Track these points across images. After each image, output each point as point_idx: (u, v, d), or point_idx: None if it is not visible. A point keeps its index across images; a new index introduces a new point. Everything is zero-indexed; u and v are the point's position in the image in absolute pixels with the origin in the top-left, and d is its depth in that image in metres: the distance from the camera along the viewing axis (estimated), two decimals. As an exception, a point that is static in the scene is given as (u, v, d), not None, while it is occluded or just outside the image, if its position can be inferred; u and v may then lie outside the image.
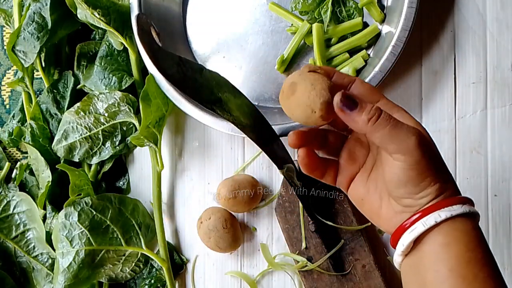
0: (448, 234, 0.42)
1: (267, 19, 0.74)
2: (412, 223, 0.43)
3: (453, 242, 0.42)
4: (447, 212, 0.42)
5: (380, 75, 0.65)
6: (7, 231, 0.74)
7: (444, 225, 0.43)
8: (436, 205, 0.43)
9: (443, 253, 0.42)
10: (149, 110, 0.70)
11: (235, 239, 0.72)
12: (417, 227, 0.43)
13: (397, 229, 0.45)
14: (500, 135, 0.71)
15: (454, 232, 0.43)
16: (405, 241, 0.44)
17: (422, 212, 0.43)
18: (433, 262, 0.43)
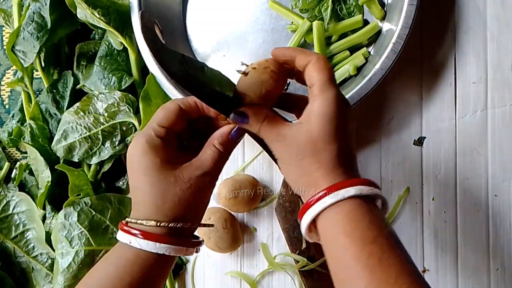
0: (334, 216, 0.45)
1: (267, 17, 0.74)
2: (306, 209, 0.46)
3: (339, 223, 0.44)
4: (332, 198, 0.44)
5: (381, 73, 0.65)
6: (7, 231, 0.74)
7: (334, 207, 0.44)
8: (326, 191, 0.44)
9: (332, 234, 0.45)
10: (149, 110, 0.70)
11: (235, 239, 0.71)
12: (308, 213, 0.45)
13: (298, 215, 0.47)
14: (500, 135, 0.71)
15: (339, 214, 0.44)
16: (303, 225, 0.46)
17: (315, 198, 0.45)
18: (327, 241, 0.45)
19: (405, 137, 0.73)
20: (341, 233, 0.44)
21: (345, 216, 0.44)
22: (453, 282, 0.71)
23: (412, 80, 0.73)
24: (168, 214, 0.47)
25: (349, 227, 0.43)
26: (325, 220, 0.45)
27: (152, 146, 0.48)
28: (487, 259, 0.71)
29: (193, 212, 0.50)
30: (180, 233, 0.48)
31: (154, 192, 0.47)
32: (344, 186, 0.44)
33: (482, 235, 0.71)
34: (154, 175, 0.47)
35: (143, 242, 0.46)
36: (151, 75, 0.70)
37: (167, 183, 0.47)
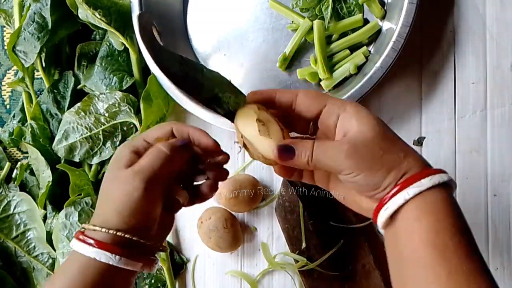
0: (418, 208, 0.43)
1: (268, 16, 0.75)
2: (384, 203, 0.44)
3: (423, 215, 0.43)
4: (415, 188, 0.43)
5: (381, 71, 0.65)
6: (8, 231, 0.74)
7: (414, 200, 0.43)
8: (404, 183, 0.43)
9: (414, 226, 0.43)
10: (150, 110, 0.70)
11: (236, 239, 0.72)
12: (388, 206, 0.44)
13: (375, 211, 0.45)
14: (500, 135, 0.71)
15: (424, 205, 0.43)
16: (381, 219, 0.45)
17: (393, 192, 0.43)
18: (406, 236, 0.43)
19: (405, 137, 0.71)
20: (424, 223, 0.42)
21: (411, 218, 0.43)
22: (452, 281, 0.71)
23: (412, 80, 0.73)
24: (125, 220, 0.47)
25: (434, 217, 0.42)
26: (396, 223, 0.44)
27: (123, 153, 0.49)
28: (487, 259, 0.71)
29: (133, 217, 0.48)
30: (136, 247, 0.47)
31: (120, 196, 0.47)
32: (403, 187, 0.43)
33: (481, 235, 0.71)
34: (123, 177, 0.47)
35: (98, 252, 0.46)
36: (153, 75, 0.70)
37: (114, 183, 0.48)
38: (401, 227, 0.44)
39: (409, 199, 0.43)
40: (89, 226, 0.47)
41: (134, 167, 0.48)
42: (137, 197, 0.47)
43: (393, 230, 0.45)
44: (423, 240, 0.42)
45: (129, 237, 0.46)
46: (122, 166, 0.48)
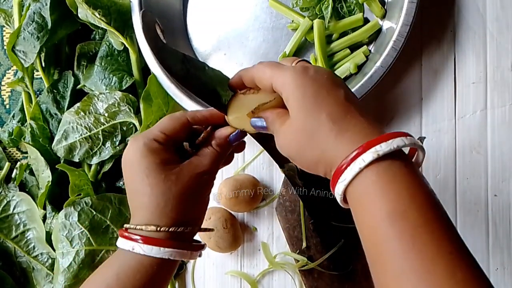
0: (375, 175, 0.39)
1: (268, 16, 0.75)
2: (340, 172, 0.40)
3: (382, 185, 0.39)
4: (372, 153, 0.39)
5: (382, 70, 0.65)
6: (7, 231, 0.74)
7: (373, 166, 0.39)
8: (362, 148, 0.39)
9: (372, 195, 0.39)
10: (150, 110, 0.70)
11: (235, 239, 0.72)
12: (345, 177, 0.40)
13: (331, 182, 0.42)
14: (500, 135, 0.71)
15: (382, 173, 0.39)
16: (338, 191, 0.41)
17: (350, 159, 0.40)
18: (362, 209, 0.40)
19: (405, 137, 0.73)
20: (368, 208, 0.39)
21: (369, 189, 0.39)
22: (453, 281, 0.71)
23: (412, 80, 0.73)
24: (169, 216, 0.47)
25: (375, 200, 0.39)
26: (351, 195, 0.41)
27: (151, 149, 0.48)
28: (487, 259, 0.71)
29: (194, 213, 0.50)
30: (182, 237, 0.48)
31: (156, 193, 0.47)
32: (358, 155, 0.39)
33: (482, 235, 0.71)
34: (155, 176, 0.47)
35: (147, 247, 0.46)
36: (153, 75, 0.70)
37: (169, 183, 0.47)
38: (358, 197, 0.40)
39: (364, 167, 0.39)
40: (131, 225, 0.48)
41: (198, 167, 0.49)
42: (205, 193, 0.50)
43: (352, 200, 0.41)
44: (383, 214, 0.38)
45: (175, 230, 0.47)
46: (165, 162, 0.48)
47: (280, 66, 0.45)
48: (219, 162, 0.51)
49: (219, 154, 0.50)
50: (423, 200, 0.38)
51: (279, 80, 0.44)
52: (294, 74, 0.43)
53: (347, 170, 0.39)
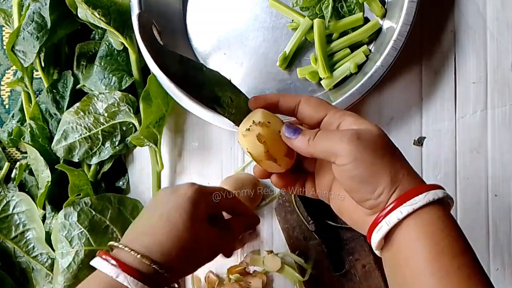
0: (414, 229, 0.42)
1: (268, 15, 0.74)
2: (377, 222, 0.43)
3: (420, 236, 0.42)
4: (408, 207, 0.42)
5: (382, 70, 0.65)
6: (7, 231, 0.74)
7: (410, 220, 0.42)
8: (398, 201, 0.42)
9: (411, 250, 0.42)
10: (149, 110, 0.70)
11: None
12: (382, 226, 0.43)
13: (368, 230, 0.45)
14: (500, 135, 0.71)
15: (420, 225, 0.42)
16: (374, 240, 0.44)
17: (387, 211, 0.43)
18: (405, 261, 0.43)
19: (405, 137, 0.73)
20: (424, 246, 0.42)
21: (409, 238, 0.42)
22: (453, 282, 0.71)
23: (412, 80, 0.73)
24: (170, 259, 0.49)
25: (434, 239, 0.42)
26: (393, 242, 0.43)
27: (205, 201, 0.52)
28: (487, 259, 0.71)
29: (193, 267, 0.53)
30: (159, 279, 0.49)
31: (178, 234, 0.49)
32: (396, 206, 0.42)
33: (482, 235, 0.71)
34: (200, 223, 0.51)
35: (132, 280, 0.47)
36: (152, 75, 0.70)
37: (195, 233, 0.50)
38: (398, 250, 0.43)
39: (403, 218, 0.42)
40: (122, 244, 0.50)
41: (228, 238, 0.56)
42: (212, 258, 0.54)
43: (390, 252, 0.44)
44: (422, 265, 0.41)
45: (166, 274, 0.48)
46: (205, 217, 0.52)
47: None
48: None
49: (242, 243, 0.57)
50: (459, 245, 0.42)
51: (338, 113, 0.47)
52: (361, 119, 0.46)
53: (385, 220, 0.43)
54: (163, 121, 0.73)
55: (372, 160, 0.43)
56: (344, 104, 0.66)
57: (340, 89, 0.70)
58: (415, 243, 0.42)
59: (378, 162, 0.43)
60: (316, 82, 0.72)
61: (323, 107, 0.48)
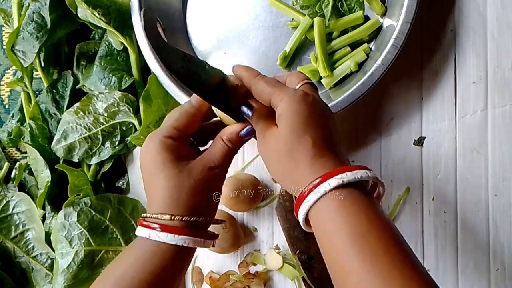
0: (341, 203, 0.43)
1: (268, 14, 0.74)
2: (305, 195, 0.45)
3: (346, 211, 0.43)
4: (337, 179, 0.43)
5: (382, 68, 0.65)
6: (6, 231, 0.74)
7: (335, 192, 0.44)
8: (326, 175, 0.44)
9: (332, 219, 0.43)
10: (150, 110, 0.70)
11: (237, 238, 0.71)
12: (311, 198, 0.44)
13: (296, 204, 0.46)
14: (501, 135, 0.71)
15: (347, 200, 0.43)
16: (301, 213, 0.46)
17: (315, 183, 0.44)
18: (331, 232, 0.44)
19: (405, 137, 0.73)
20: (330, 228, 0.43)
21: (332, 210, 0.44)
22: (453, 282, 0.71)
23: (412, 80, 0.73)
24: (183, 207, 0.49)
25: (337, 221, 0.43)
26: (314, 217, 0.45)
27: (166, 146, 0.50)
28: (487, 259, 0.71)
29: (207, 204, 0.51)
30: (196, 226, 0.49)
31: (170, 185, 0.49)
32: (325, 179, 0.44)
33: (482, 235, 0.71)
34: (169, 169, 0.49)
35: (162, 234, 0.48)
36: (153, 75, 0.70)
37: (182, 176, 0.49)
38: (320, 221, 0.45)
39: (329, 191, 0.43)
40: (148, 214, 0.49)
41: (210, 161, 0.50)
42: (217, 187, 0.52)
43: (315, 223, 0.45)
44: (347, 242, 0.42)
45: (188, 219, 0.48)
46: (180, 157, 0.50)
47: (281, 85, 0.49)
48: (231, 157, 0.52)
49: (230, 149, 0.52)
50: (380, 225, 0.43)
51: (277, 97, 0.48)
52: (293, 97, 0.47)
53: (313, 192, 0.44)
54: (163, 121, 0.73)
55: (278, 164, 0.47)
56: (345, 102, 0.66)
57: (341, 87, 0.70)
58: (322, 224, 0.44)
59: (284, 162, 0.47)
60: (316, 81, 0.72)
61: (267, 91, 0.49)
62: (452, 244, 0.71)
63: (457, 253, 0.71)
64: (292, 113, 0.47)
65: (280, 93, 0.48)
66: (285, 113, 0.47)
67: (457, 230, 0.72)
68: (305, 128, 0.46)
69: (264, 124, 0.49)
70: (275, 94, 0.48)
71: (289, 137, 0.46)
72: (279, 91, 0.48)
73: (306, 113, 0.47)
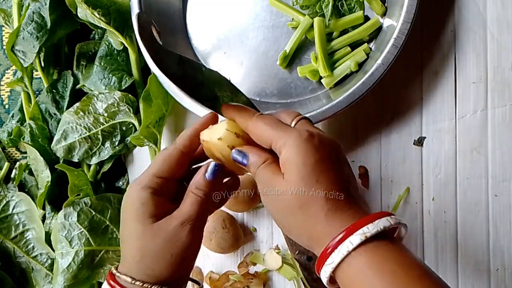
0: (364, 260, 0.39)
1: (268, 14, 0.74)
2: (326, 255, 0.40)
3: (374, 266, 0.39)
4: (359, 236, 0.39)
5: (382, 68, 0.65)
6: (7, 231, 0.74)
7: (360, 251, 0.39)
8: (347, 231, 0.40)
9: (367, 278, 0.39)
10: (149, 110, 0.70)
11: (236, 238, 0.71)
12: (334, 260, 0.40)
13: (317, 264, 0.42)
14: (501, 135, 0.71)
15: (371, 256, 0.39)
16: (325, 275, 0.41)
17: (336, 242, 0.40)
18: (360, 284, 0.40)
19: (405, 137, 0.73)
20: (367, 285, 0.39)
21: (362, 270, 0.39)
22: (453, 282, 0.71)
23: (412, 80, 0.73)
24: (147, 272, 0.45)
25: (373, 280, 0.39)
26: (343, 277, 0.40)
27: (141, 199, 0.46)
28: (487, 259, 0.71)
29: (175, 269, 0.46)
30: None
31: (134, 246, 0.46)
32: (346, 237, 0.39)
33: (482, 235, 0.71)
34: (135, 227, 0.45)
35: None
36: (153, 75, 0.70)
37: (146, 238, 0.45)
38: (349, 282, 0.40)
39: (353, 250, 0.39)
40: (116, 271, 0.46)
41: (177, 218, 0.46)
42: (187, 247, 0.46)
43: (344, 285, 0.41)
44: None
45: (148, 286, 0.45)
46: (150, 214, 0.46)
47: (283, 126, 0.44)
48: (203, 208, 0.47)
49: (202, 199, 0.47)
50: (419, 276, 0.39)
51: (280, 141, 0.43)
52: (298, 139, 0.42)
53: (335, 252, 0.40)
54: (163, 121, 0.73)
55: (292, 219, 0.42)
56: (345, 102, 0.66)
57: (341, 87, 0.70)
58: (367, 273, 0.39)
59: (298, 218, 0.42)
60: (316, 81, 0.72)
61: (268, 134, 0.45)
62: (452, 244, 0.71)
63: (457, 253, 0.71)
64: (300, 159, 0.42)
65: (284, 135, 0.43)
66: (291, 160, 0.42)
67: (457, 230, 0.72)
68: (316, 177, 0.41)
69: (267, 173, 0.44)
70: (276, 137, 0.43)
71: (299, 188, 0.41)
72: (282, 133, 0.43)
73: (315, 158, 0.42)
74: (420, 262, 0.40)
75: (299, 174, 0.42)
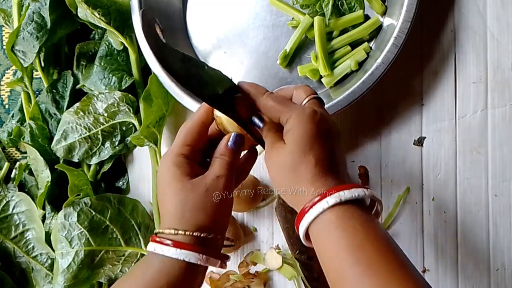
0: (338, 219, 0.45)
1: (268, 13, 0.74)
2: (305, 211, 0.46)
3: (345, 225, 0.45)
4: (335, 198, 0.45)
5: (383, 67, 0.65)
6: (6, 231, 0.74)
7: (334, 209, 0.45)
8: (325, 193, 0.46)
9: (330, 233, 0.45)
10: (150, 110, 0.70)
11: (236, 238, 0.71)
12: (310, 215, 0.46)
13: (296, 220, 0.48)
14: (501, 135, 0.71)
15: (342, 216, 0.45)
16: (302, 229, 0.47)
17: (315, 201, 0.46)
18: (328, 245, 0.45)
19: (405, 137, 0.73)
20: (329, 241, 0.45)
21: (330, 225, 0.45)
22: (453, 282, 0.71)
23: (412, 80, 0.73)
24: (188, 222, 0.49)
25: (335, 235, 0.45)
26: (314, 231, 0.46)
27: (175, 163, 0.51)
28: (487, 259, 0.71)
29: (214, 218, 0.51)
30: (203, 243, 0.50)
31: (174, 201, 0.50)
32: (324, 197, 0.45)
33: (482, 235, 0.71)
34: (174, 185, 0.50)
35: (166, 248, 0.48)
36: (154, 74, 0.70)
37: (185, 192, 0.50)
38: (319, 235, 0.46)
39: (328, 208, 0.45)
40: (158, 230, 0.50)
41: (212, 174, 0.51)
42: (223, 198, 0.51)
43: (314, 237, 0.47)
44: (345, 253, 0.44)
45: (192, 234, 0.49)
46: (186, 174, 0.51)
47: (290, 103, 0.51)
48: (230, 169, 0.52)
49: (228, 161, 0.52)
50: (377, 237, 0.44)
51: (286, 114, 0.49)
52: (302, 114, 0.49)
53: (312, 209, 0.46)
54: (163, 121, 0.73)
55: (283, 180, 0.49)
56: (345, 101, 0.66)
57: (341, 86, 0.70)
58: (321, 239, 0.46)
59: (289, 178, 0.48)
60: (316, 80, 0.72)
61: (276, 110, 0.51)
62: (452, 244, 0.71)
63: (457, 253, 0.71)
64: (300, 130, 0.48)
65: (289, 110, 0.49)
66: (292, 130, 0.48)
67: (457, 230, 0.72)
68: (310, 147, 0.47)
69: (273, 138, 0.50)
70: (284, 111, 0.50)
71: (294, 153, 0.48)
72: (288, 109, 0.50)
73: (313, 132, 0.48)
74: (386, 234, 0.46)
75: (297, 142, 0.48)
